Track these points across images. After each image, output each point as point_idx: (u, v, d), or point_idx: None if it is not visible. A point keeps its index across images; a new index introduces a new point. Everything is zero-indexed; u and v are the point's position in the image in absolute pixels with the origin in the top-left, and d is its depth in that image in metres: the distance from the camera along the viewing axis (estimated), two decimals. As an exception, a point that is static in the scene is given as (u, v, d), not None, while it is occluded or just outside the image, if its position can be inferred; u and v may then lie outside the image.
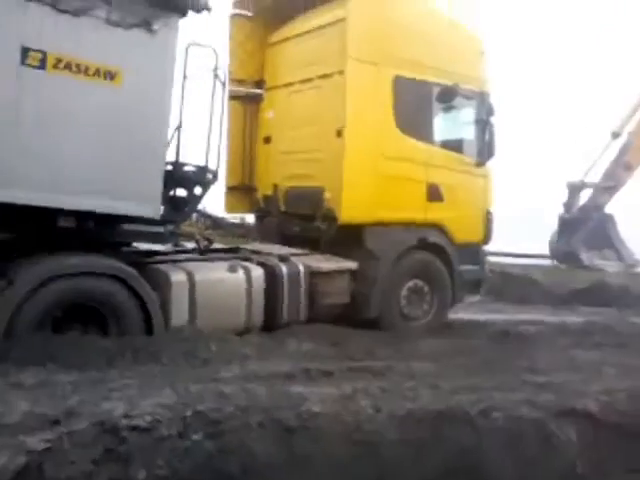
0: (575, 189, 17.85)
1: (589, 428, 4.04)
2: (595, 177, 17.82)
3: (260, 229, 9.37)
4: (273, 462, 3.22)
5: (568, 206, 17.84)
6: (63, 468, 2.78)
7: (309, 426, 3.50)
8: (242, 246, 8.13)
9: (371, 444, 3.54)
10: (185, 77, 6.09)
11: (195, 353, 5.29)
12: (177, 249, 7.24)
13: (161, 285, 5.96)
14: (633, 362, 6.14)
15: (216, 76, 6.43)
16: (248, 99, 8.79)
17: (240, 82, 8.64)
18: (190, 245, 7.48)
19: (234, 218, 15.56)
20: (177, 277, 6.10)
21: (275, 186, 8.39)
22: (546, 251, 18.10)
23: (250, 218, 11.81)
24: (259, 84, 8.79)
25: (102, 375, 4.21)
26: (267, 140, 8.69)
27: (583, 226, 17.23)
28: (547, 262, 17.84)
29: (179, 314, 5.97)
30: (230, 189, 8.85)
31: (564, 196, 18.05)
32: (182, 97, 6.05)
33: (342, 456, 3.42)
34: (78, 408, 3.27)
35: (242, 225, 15.16)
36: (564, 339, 7.60)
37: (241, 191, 8.95)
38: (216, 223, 15.94)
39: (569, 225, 17.44)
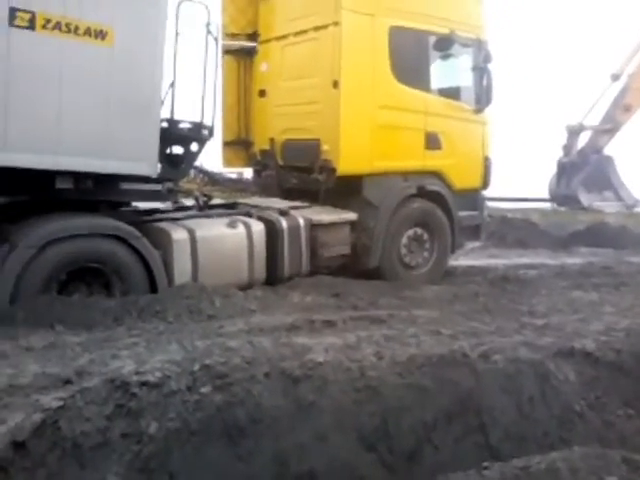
0: (574, 132, 17.71)
1: (587, 367, 4.12)
2: (594, 120, 17.66)
3: (258, 183, 9.35)
4: (280, 411, 3.31)
5: (567, 149, 17.72)
6: (78, 424, 2.85)
7: (313, 375, 3.58)
8: (241, 201, 8.15)
9: (374, 390, 3.62)
10: (177, 34, 6.02)
11: (199, 309, 5.34)
12: (176, 206, 7.27)
13: (163, 243, 6.00)
14: (631, 302, 6.24)
15: (208, 31, 6.35)
16: (242, 53, 8.69)
17: (233, 36, 8.53)
18: (189, 202, 7.50)
19: (232, 173, 15.50)
20: (178, 235, 6.13)
21: (272, 140, 8.35)
22: (546, 195, 18.08)
23: (248, 173, 11.79)
24: (253, 37, 8.65)
25: (109, 334, 4.27)
26: (262, 94, 8.61)
27: (582, 169, 17.18)
28: (547, 205, 17.87)
29: (182, 271, 6.03)
30: (227, 144, 8.81)
31: (563, 139, 17.94)
32: (175, 54, 6.00)
33: (346, 403, 3.50)
34: (88, 367, 3.34)
35: (240, 180, 15.12)
36: (563, 281, 7.69)
37: (238, 146, 8.92)
38: (214, 179, 15.87)
39: (568, 168, 17.36)
